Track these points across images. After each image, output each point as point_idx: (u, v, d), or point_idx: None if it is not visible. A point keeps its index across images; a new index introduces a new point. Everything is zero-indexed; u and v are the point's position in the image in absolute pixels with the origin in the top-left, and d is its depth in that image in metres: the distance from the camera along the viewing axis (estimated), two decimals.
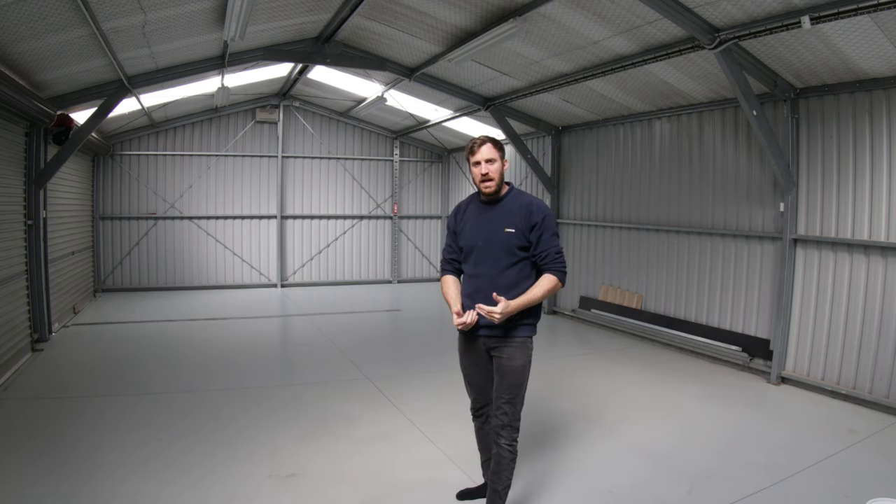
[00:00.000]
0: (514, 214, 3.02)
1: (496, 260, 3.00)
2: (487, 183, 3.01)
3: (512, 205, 3.06)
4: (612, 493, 3.56)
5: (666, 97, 7.01)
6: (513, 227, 3.00)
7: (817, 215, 5.57)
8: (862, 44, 4.56)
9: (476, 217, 3.10)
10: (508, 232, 2.99)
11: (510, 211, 3.04)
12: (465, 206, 3.20)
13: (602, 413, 4.95)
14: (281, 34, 7.36)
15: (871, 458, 4.04)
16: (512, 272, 2.99)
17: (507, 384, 3.02)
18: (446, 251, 3.24)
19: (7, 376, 5.61)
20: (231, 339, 7.63)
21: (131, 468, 3.77)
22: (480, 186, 3.05)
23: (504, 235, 3.00)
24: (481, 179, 3.02)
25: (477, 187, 3.09)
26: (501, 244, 3.00)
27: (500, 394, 3.03)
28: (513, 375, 3.02)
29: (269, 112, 11.81)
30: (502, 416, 3.01)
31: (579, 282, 9.07)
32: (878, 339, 5.03)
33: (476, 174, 3.04)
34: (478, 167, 3.02)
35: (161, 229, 11.34)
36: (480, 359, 3.12)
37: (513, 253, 2.99)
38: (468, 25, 6.37)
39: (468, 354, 3.16)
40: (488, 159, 3.01)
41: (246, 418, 4.73)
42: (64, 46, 5.56)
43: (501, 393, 3.02)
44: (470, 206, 3.18)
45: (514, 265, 3.00)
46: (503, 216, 3.04)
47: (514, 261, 3.00)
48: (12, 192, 6.29)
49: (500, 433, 3.02)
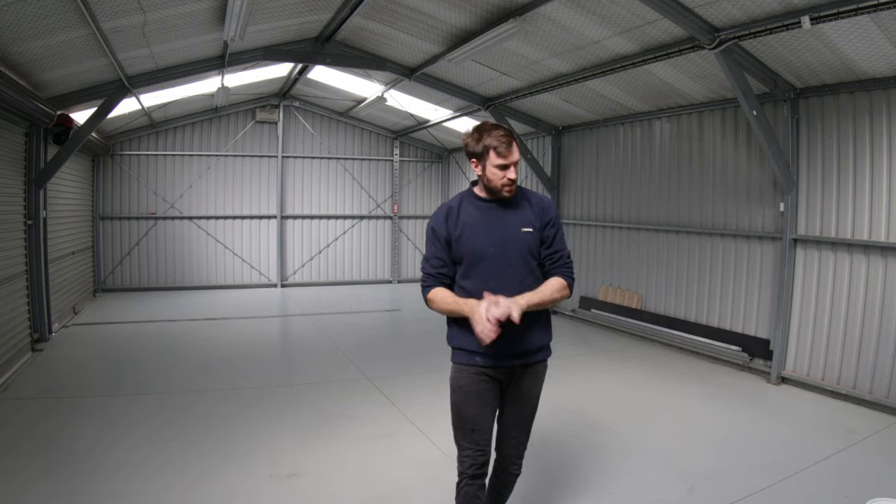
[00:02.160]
0: (527, 211, 2.58)
1: (515, 268, 2.50)
2: (511, 187, 2.52)
3: (522, 201, 2.60)
4: (611, 493, 3.56)
5: (666, 97, 7.01)
6: (529, 227, 2.54)
7: (817, 215, 5.57)
8: (862, 44, 4.56)
9: (479, 218, 2.54)
10: (526, 232, 2.53)
11: (523, 208, 2.59)
12: (458, 207, 2.59)
13: (602, 413, 4.95)
14: (281, 34, 7.36)
15: (871, 458, 4.04)
16: (530, 282, 2.51)
17: (526, 417, 2.64)
18: (432, 264, 2.56)
19: (7, 376, 5.61)
20: (231, 339, 7.62)
21: (132, 468, 3.77)
22: (502, 190, 2.51)
23: (522, 237, 2.52)
24: (506, 183, 2.49)
25: (491, 189, 2.54)
26: (520, 248, 2.51)
27: (518, 430, 2.65)
28: (533, 406, 2.65)
29: (269, 112, 11.81)
30: (521, 449, 2.69)
31: (579, 282, 9.06)
32: (878, 339, 5.03)
33: (498, 176, 2.48)
34: (505, 171, 2.48)
35: (161, 229, 11.34)
36: (490, 395, 2.54)
37: (533, 257, 2.55)
38: (468, 25, 6.37)
39: (480, 391, 2.52)
40: (517, 162, 2.53)
41: (246, 418, 4.73)
42: (64, 46, 5.55)
43: (521, 429, 2.65)
44: (464, 206, 2.59)
45: (531, 273, 2.54)
46: (516, 214, 2.56)
47: (532, 268, 2.55)
48: (12, 192, 6.28)
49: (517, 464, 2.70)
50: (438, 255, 2.57)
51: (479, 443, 2.53)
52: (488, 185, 2.53)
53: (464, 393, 2.53)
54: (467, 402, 2.53)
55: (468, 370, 2.53)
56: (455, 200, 2.65)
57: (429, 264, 2.59)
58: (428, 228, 2.65)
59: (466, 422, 2.54)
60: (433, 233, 2.59)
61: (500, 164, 2.47)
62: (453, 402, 2.59)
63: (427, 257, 2.61)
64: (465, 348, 2.52)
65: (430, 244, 2.60)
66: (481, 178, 2.55)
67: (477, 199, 2.60)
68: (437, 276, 2.56)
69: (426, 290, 2.57)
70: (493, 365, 2.50)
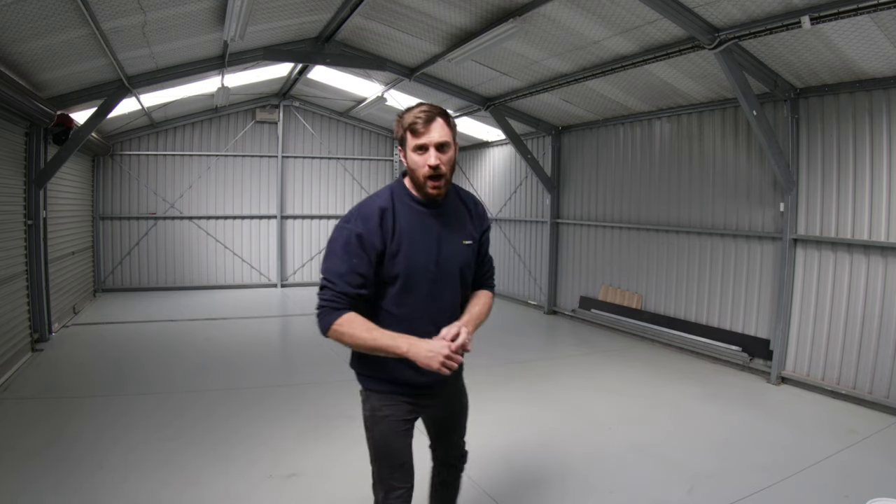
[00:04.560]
0: (464, 218, 2.16)
1: (453, 290, 2.11)
2: (437, 182, 2.00)
3: (457, 205, 2.16)
4: (611, 493, 3.56)
5: (666, 97, 7.01)
6: (470, 239, 2.15)
7: (817, 215, 5.57)
8: (862, 44, 4.56)
9: (417, 226, 2.04)
10: (466, 245, 2.14)
11: (459, 214, 2.16)
12: (393, 211, 2.02)
13: (602, 413, 4.95)
14: (281, 34, 7.36)
15: (871, 458, 4.04)
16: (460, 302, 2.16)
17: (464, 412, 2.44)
18: (348, 281, 1.97)
19: (7, 376, 5.61)
20: (231, 339, 7.62)
21: (132, 467, 3.78)
22: (424, 184, 2.00)
23: (463, 251, 2.12)
24: (426, 173, 1.98)
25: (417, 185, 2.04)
26: (462, 265, 2.12)
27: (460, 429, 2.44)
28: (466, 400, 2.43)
29: (269, 112, 11.81)
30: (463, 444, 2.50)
31: (579, 282, 9.07)
32: (878, 339, 5.03)
33: (419, 164, 1.97)
34: (423, 154, 1.97)
35: (161, 229, 11.34)
36: (412, 423, 2.23)
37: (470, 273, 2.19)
38: (468, 25, 6.37)
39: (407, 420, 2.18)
40: (440, 143, 1.96)
41: (245, 417, 4.73)
42: (64, 46, 5.55)
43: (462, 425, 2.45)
44: (399, 208, 2.04)
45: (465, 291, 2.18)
46: (457, 222, 2.14)
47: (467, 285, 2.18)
48: (12, 192, 6.28)
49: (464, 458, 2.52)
50: (360, 271, 1.97)
51: (410, 479, 2.19)
52: (413, 177, 2.04)
53: (389, 423, 2.13)
54: (394, 432, 2.14)
55: (393, 398, 2.14)
56: (385, 198, 2.05)
57: (342, 281, 1.96)
58: (345, 233, 1.99)
59: (395, 456, 2.15)
60: (358, 241, 1.96)
61: (418, 145, 1.96)
62: (377, 437, 2.16)
63: (339, 272, 1.96)
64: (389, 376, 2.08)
65: (348, 255, 1.97)
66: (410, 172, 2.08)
67: (411, 200, 2.07)
68: (354, 299, 1.98)
69: (334, 314, 1.94)
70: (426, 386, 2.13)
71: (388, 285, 2.03)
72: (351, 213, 2.06)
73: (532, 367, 6.44)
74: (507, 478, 3.76)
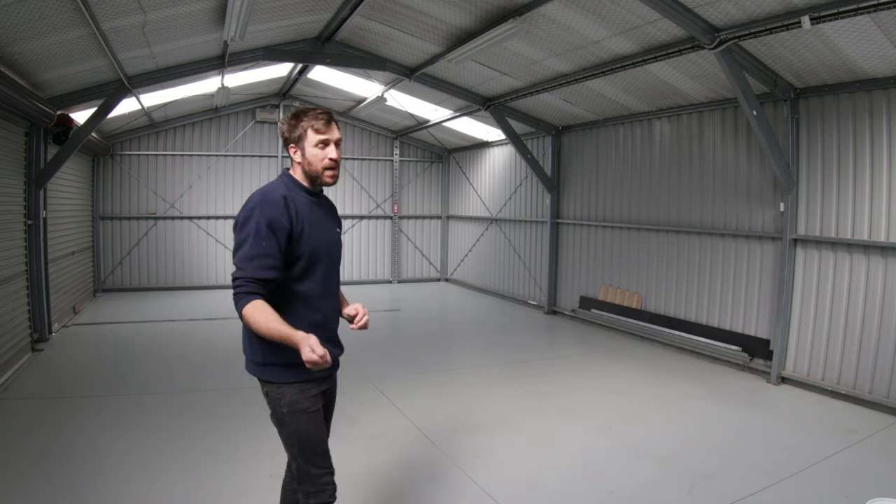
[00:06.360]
0: (334, 212, 2.51)
1: (338, 272, 2.45)
2: (334, 171, 2.32)
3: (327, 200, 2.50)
4: (611, 493, 3.56)
5: (666, 97, 7.01)
6: (340, 227, 2.50)
7: (817, 215, 5.57)
8: (862, 44, 4.56)
9: (311, 215, 2.28)
10: (338, 233, 2.48)
11: (331, 207, 2.50)
12: (292, 197, 2.23)
13: (602, 413, 4.94)
14: (281, 34, 7.36)
15: (871, 458, 4.04)
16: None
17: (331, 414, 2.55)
18: (262, 264, 2.09)
19: (7, 376, 5.61)
20: (231, 339, 7.59)
21: (132, 468, 3.77)
22: (323, 174, 2.28)
23: (338, 238, 2.47)
24: (328, 165, 2.28)
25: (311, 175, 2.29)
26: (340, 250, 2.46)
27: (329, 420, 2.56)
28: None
29: (269, 112, 11.81)
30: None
31: (579, 282, 9.07)
32: (878, 339, 5.03)
33: (319, 157, 2.26)
34: (325, 149, 2.27)
35: (161, 229, 11.34)
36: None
37: None
38: (468, 25, 6.37)
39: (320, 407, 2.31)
40: (339, 140, 2.32)
41: (246, 417, 4.72)
42: (64, 46, 5.56)
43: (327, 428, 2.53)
44: (296, 199, 2.24)
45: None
46: (331, 214, 2.47)
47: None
48: (12, 192, 6.28)
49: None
50: (272, 254, 2.10)
51: (331, 464, 2.33)
52: (308, 169, 2.28)
53: (309, 415, 2.24)
54: (316, 422, 2.26)
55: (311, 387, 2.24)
56: (283, 188, 2.25)
57: (256, 263, 2.07)
58: (254, 220, 2.11)
59: (319, 444, 2.28)
60: (270, 225, 2.10)
61: (321, 141, 2.24)
62: (300, 430, 2.23)
63: (252, 255, 2.08)
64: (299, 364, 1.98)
65: (262, 239, 2.09)
66: (301, 165, 2.29)
67: (301, 190, 2.30)
68: (266, 284, 2.10)
69: (247, 298, 2.06)
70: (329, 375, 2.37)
71: (293, 265, 2.21)
72: (254, 202, 2.18)
73: (532, 367, 6.44)
74: (507, 478, 3.76)
